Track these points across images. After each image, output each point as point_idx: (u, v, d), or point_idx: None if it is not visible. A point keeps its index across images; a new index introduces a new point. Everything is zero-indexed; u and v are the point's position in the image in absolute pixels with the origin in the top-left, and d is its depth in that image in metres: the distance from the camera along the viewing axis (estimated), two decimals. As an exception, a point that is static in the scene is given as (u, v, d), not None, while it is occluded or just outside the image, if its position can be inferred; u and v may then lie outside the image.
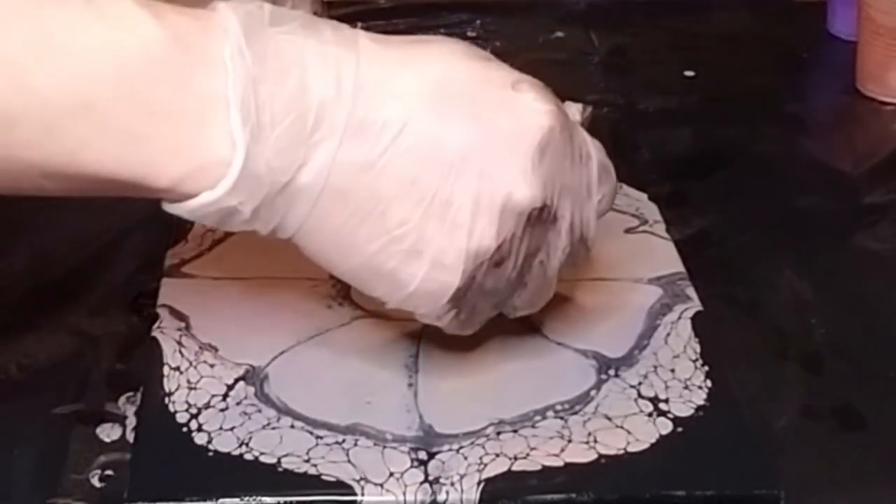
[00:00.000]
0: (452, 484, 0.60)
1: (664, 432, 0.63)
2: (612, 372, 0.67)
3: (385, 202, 0.59)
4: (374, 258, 0.61)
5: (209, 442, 0.62)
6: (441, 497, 0.60)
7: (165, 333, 0.69)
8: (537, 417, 0.64)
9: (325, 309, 0.71)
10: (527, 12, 1.09)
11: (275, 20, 0.59)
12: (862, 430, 0.68)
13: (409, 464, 0.61)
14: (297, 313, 0.71)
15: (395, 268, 0.61)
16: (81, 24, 0.56)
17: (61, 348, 0.71)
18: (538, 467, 0.61)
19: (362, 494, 0.60)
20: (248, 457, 0.61)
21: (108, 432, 0.66)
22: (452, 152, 0.60)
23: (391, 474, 0.61)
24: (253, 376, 0.66)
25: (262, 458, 0.61)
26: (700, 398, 0.65)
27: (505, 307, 0.65)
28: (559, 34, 1.06)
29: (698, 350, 0.69)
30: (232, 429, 0.63)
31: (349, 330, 0.70)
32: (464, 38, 1.04)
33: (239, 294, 0.72)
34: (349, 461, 0.61)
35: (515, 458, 0.62)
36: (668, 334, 0.70)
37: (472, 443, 0.62)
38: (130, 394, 0.67)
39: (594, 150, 0.65)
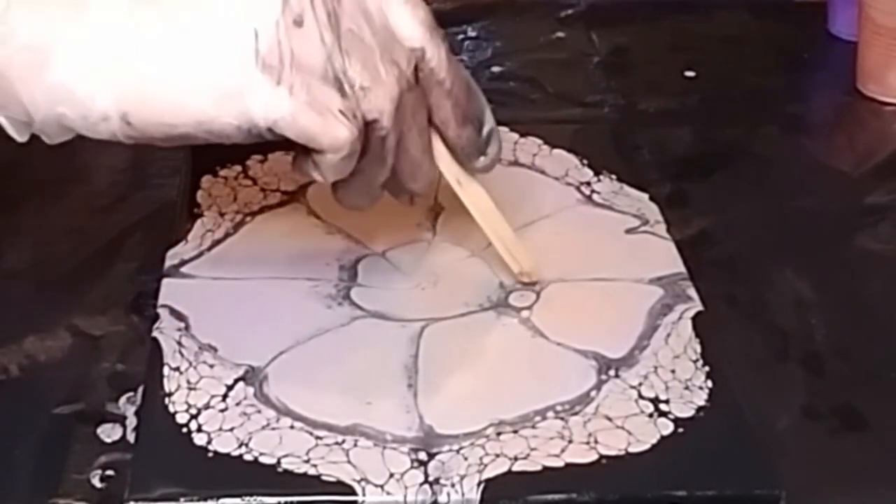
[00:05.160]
0: (453, 485, 0.60)
1: (665, 433, 0.63)
2: (612, 372, 0.67)
3: None
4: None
5: (209, 442, 0.62)
6: (442, 498, 0.60)
7: (165, 333, 0.69)
8: (537, 418, 0.64)
9: (325, 309, 0.71)
10: (527, 12, 1.09)
11: None
12: (862, 431, 0.68)
13: (409, 464, 0.61)
14: (296, 313, 0.70)
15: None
16: None
17: (61, 348, 0.71)
18: (539, 468, 0.61)
19: (363, 495, 0.60)
20: (248, 457, 0.61)
21: (108, 432, 0.66)
22: None
23: (391, 475, 0.61)
24: (252, 377, 0.66)
25: (262, 459, 0.61)
26: (701, 399, 0.65)
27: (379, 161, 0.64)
28: (559, 34, 1.06)
29: (699, 350, 0.68)
30: (231, 429, 0.63)
31: (349, 330, 0.70)
32: (464, 37, 1.05)
33: (239, 294, 0.72)
34: (349, 462, 0.61)
35: (516, 459, 0.61)
36: (669, 335, 0.70)
37: (472, 443, 0.62)
38: (131, 394, 0.68)
39: None
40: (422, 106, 0.66)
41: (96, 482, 0.63)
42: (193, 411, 0.64)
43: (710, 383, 0.66)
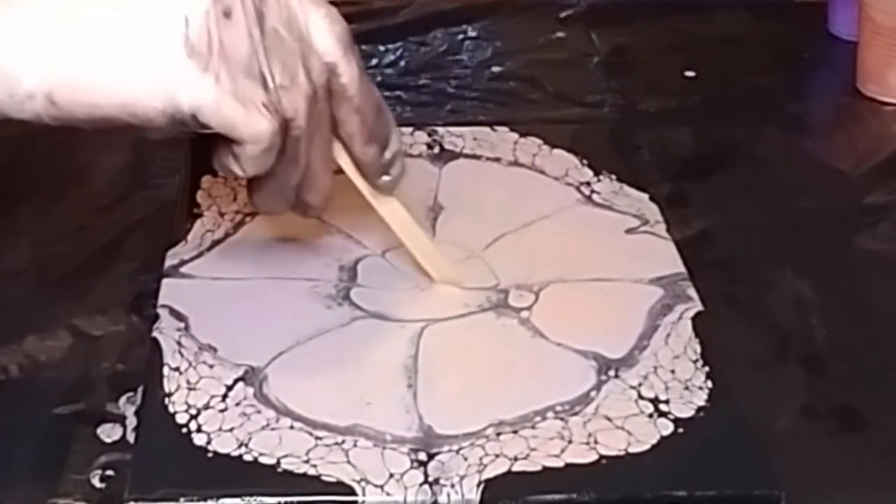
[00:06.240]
0: (452, 485, 0.60)
1: (665, 433, 0.63)
2: (612, 373, 0.67)
3: None
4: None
5: (209, 443, 0.62)
6: (442, 498, 0.60)
7: (165, 333, 0.69)
8: (537, 418, 0.64)
9: (325, 309, 0.71)
10: (527, 12, 1.09)
11: None
12: (862, 431, 0.67)
13: (408, 465, 0.61)
14: (296, 314, 0.70)
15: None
16: None
17: (61, 348, 0.71)
18: (538, 468, 0.61)
19: (363, 495, 0.60)
20: (248, 457, 0.61)
21: (108, 432, 0.66)
22: None
23: (391, 475, 0.61)
24: (252, 377, 0.66)
25: (262, 459, 0.61)
26: (701, 399, 0.65)
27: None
28: (559, 34, 1.06)
29: (699, 350, 0.68)
30: (231, 429, 0.63)
31: (349, 331, 0.70)
32: (464, 37, 1.05)
33: (239, 294, 0.72)
34: (349, 462, 0.61)
35: (515, 459, 0.61)
36: (669, 335, 0.70)
37: (471, 444, 0.62)
38: (131, 394, 0.67)
39: None
40: (327, 118, 0.66)
41: (96, 482, 0.63)
42: (193, 411, 0.64)
43: (709, 383, 0.66)
